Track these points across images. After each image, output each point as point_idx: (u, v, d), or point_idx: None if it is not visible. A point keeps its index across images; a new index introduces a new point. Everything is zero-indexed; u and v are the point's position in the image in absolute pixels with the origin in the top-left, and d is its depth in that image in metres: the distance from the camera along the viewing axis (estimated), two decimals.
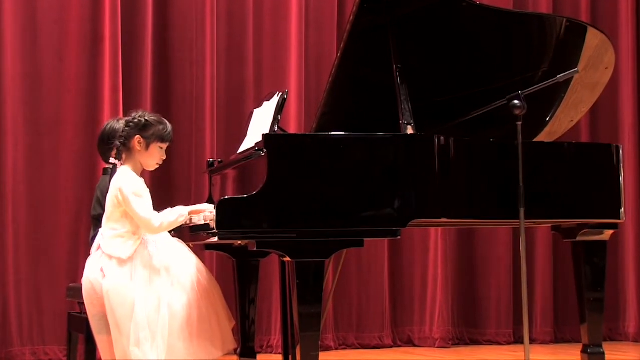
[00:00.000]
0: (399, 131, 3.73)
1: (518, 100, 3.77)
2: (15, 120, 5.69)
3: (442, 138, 3.68)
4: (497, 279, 6.64)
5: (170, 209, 3.78)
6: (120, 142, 3.83)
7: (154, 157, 3.87)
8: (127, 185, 3.72)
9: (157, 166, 3.92)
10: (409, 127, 3.73)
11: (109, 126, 4.29)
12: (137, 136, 3.81)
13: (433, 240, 6.50)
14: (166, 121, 3.90)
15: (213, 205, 3.90)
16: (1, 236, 5.62)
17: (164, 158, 3.91)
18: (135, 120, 3.83)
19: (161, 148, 3.87)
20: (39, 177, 5.73)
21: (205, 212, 3.79)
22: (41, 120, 5.75)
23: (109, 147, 4.03)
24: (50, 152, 5.76)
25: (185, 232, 3.95)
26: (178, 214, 3.74)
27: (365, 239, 3.57)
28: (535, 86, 4.03)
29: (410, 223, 3.59)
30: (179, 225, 3.78)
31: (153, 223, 3.69)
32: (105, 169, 4.32)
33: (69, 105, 5.79)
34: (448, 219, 3.76)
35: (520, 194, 3.72)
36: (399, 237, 3.62)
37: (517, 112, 3.76)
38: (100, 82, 5.81)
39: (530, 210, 3.77)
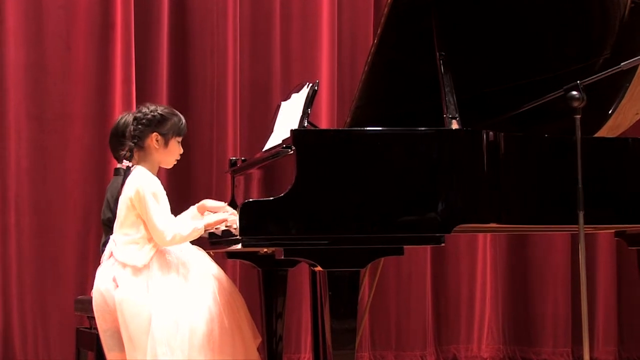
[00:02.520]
0: (442, 126, 3.73)
1: (576, 91, 3.75)
2: (18, 115, 5.74)
3: (491, 133, 3.68)
4: (554, 291, 6.60)
5: (186, 222, 3.80)
6: (133, 143, 3.85)
7: (173, 153, 3.91)
8: (146, 186, 3.75)
9: (176, 162, 3.96)
10: (454, 121, 3.73)
11: (122, 120, 4.31)
12: (154, 133, 3.84)
13: (481, 248, 6.48)
14: (177, 112, 3.96)
15: (229, 210, 3.93)
16: (3, 243, 5.67)
17: (182, 152, 3.96)
18: (149, 116, 3.85)
19: (178, 142, 3.91)
20: (44, 178, 5.77)
21: (222, 215, 3.80)
22: (46, 116, 5.79)
23: (123, 144, 4.05)
24: (56, 151, 5.80)
25: (205, 239, 3.97)
26: (192, 228, 3.76)
27: (405, 247, 3.57)
28: (596, 75, 4.00)
29: (455, 228, 3.59)
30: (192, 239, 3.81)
31: (166, 236, 3.72)
32: (117, 169, 4.34)
33: (77, 98, 5.83)
34: (498, 224, 3.75)
35: (579, 195, 3.70)
36: (443, 244, 3.61)
37: (575, 104, 3.74)
38: (111, 73, 5.85)
39: (591, 213, 3.75)
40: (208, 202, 4.08)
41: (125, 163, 3.88)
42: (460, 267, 6.52)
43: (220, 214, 3.90)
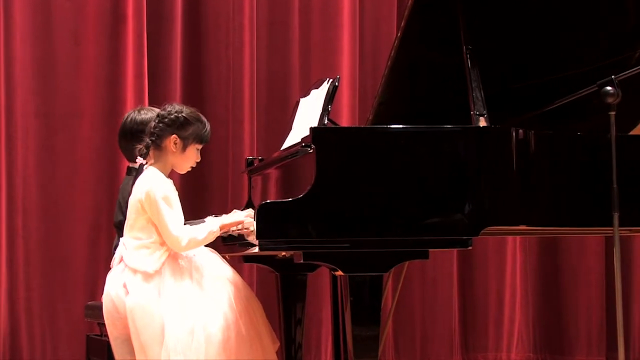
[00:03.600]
0: (469, 123, 3.73)
1: (611, 86, 3.74)
2: (25, 113, 5.77)
3: (520, 131, 3.67)
4: (587, 296, 6.58)
5: (200, 225, 3.80)
6: (151, 140, 3.85)
7: (189, 159, 3.90)
8: (157, 189, 3.74)
9: (190, 169, 3.96)
10: (482, 118, 3.72)
11: (129, 118, 4.32)
12: (174, 135, 3.83)
13: (510, 251, 6.47)
14: (204, 118, 3.93)
15: (245, 212, 3.93)
16: (10, 247, 5.69)
17: (199, 160, 3.94)
18: (172, 117, 3.85)
19: (198, 149, 3.90)
20: (53, 178, 5.80)
21: (238, 216, 3.80)
22: (55, 114, 5.82)
23: (130, 143, 4.06)
24: (65, 150, 5.82)
25: (220, 242, 3.98)
26: (208, 231, 3.76)
27: (430, 250, 3.57)
28: (631, 70, 3.99)
29: (483, 231, 3.59)
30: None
31: (181, 242, 3.71)
32: (129, 169, 4.36)
33: (87, 95, 5.85)
34: (528, 226, 3.75)
35: (614, 196, 3.69)
36: (470, 248, 3.61)
37: (609, 100, 3.73)
38: (123, 68, 5.87)
39: (626, 215, 3.73)
40: (224, 220, 3.99)
41: (139, 160, 3.88)
42: (489, 271, 6.50)
43: (236, 215, 3.90)
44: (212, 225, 3.79)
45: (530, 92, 4.37)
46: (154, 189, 3.74)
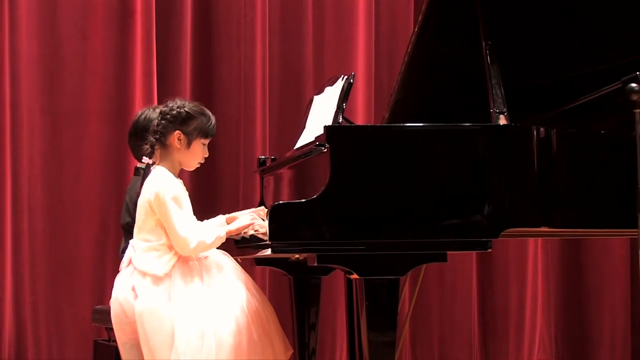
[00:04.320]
0: (489, 121, 3.72)
1: (636, 83, 3.73)
2: (30, 110, 5.78)
3: (541, 130, 3.67)
4: (611, 300, 6.57)
5: (208, 228, 3.80)
6: (155, 138, 3.86)
7: (196, 155, 3.89)
8: (166, 189, 3.75)
9: (199, 165, 3.96)
10: (502, 116, 3.72)
11: (143, 116, 4.33)
12: (177, 131, 3.84)
13: (532, 253, 6.46)
14: (208, 111, 3.93)
15: (249, 211, 3.93)
16: (16, 249, 5.71)
17: (207, 155, 3.94)
18: (174, 112, 3.85)
19: (204, 144, 3.90)
20: (59, 178, 5.81)
21: (244, 221, 3.81)
22: (61, 111, 5.84)
23: (143, 141, 4.07)
24: (72, 149, 5.83)
25: (232, 244, 3.98)
26: (216, 236, 3.76)
27: (448, 252, 3.57)
28: None
29: (503, 233, 3.59)
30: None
31: (189, 245, 3.71)
32: (137, 169, 4.37)
33: (94, 92, 5.87)
34: (550, 227, 3.74)
35: (639, 196, 3.69)
36: (489, 250, 3.61)
37: (635, 97, 3.72)
38: (131, 64, 5.88)
39: None
40: (231, 227, 3.99)
41: (146, 160, 3.89)
42: (509, 274, 6.50)
43: (243, 219, 3.89)
44: (220, 231, 3.79)
45: (550, 89, 4.37)
46: (163, 189, 3.75)
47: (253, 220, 3.83)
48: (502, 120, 3.71)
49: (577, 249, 6.61)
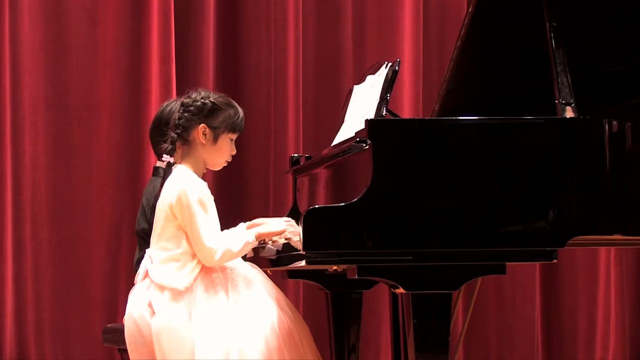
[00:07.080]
0: (554, 114, 3.71)
1: None
2: (34, 104, 5.82)
3: (614, 123, 3.65)
4: None
5: (234, 234, 3.80)
6: (176, 134, 3.86)
7: (223, 152, 3.90)
8: (191, 191, 3.75)
9: (225, 164, 3.96)
10: (569, 108, 3.71)
11: (168, 108, 4.34)
12: (202, 125, 3.84)
13: (603, 265, 6.44)
14: (235, 103, 3.94)
15: (282, 220, 3.94)
16: (17, 259, 5.74)
17: (234, 153, 3.95)
18: (198, 103, 3.86)
19: (231, 140, 3.90)
20: (66, 180, 5.85)
21: (277, 225, 3.81)
22: (68, 105, 5.88)
23: (166, 136, 4.07)
24: (80, 147, 5.87)
25: (260, 255, 4.00)
26: (244, 243, 3.76)
27: (507, 263, 3.57)
28: None
29: (570, 241, 3.58)
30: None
31: (215, 254, 3.72)
32: (156, 169, 4.39)
33: (105, 83, 5.90)
34: (624, 235, 3.73)
35: None
36: (555, 261, 3.60)
37: None
38: (147, 51, 5.91)
39: None
40: (261, 229, 3.99)
41: (166, 159, 3.89)
42: (577, 289, 6.48)
43: (275, 224, 3.89)
44: (248, 235, 3.79)
45: (623, 77, 4.35)
46: (187, 191, 3.75)
47: (287, 225, 3.83)
48: (569, 113, 3.70)
49: None
